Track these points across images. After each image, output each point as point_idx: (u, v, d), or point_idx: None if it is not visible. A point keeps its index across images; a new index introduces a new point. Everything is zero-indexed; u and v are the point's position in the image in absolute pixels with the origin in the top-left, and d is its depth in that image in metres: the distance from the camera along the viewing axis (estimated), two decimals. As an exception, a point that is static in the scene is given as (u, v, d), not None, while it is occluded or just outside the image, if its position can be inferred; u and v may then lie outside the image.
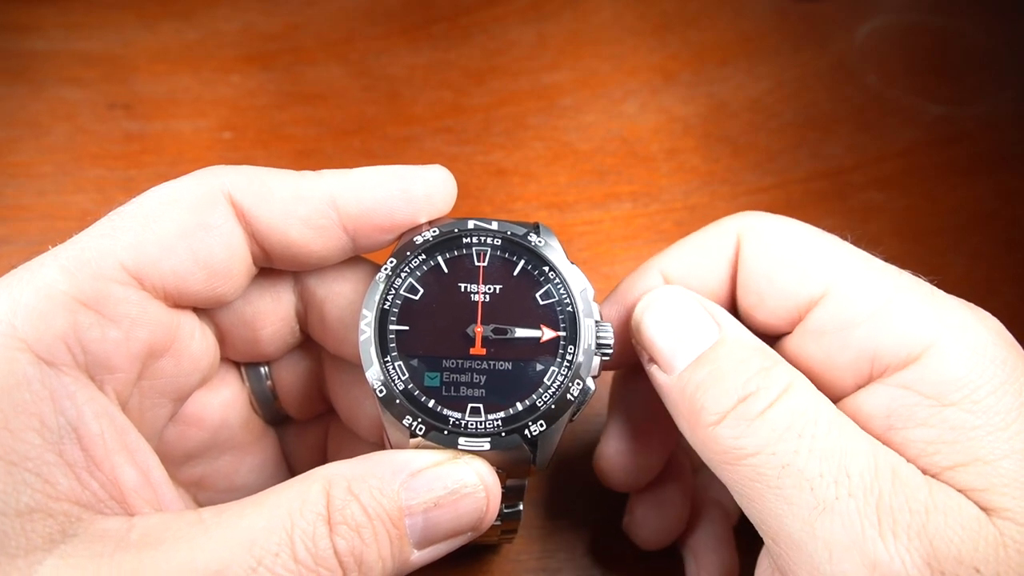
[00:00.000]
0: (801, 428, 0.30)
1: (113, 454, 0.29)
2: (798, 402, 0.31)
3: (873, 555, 0.28)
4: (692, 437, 0.33)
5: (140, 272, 0.31)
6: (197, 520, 0.28)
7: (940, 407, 0.30)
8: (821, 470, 0.29)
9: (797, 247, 0.35)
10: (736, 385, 0.32)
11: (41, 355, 0.29)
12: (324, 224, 0.34)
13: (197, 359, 0.36)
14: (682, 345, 0.34)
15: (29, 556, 0.26)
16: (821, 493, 0.29)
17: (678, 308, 0.35)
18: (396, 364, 0.34)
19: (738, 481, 0.31)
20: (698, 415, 0.32)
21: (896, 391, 0.32)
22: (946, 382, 0.30)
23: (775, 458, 0.30)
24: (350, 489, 0.29)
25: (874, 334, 0.32)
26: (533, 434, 0.33)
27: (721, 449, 0.32)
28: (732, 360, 0.33)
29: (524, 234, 0.36)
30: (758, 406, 0.31)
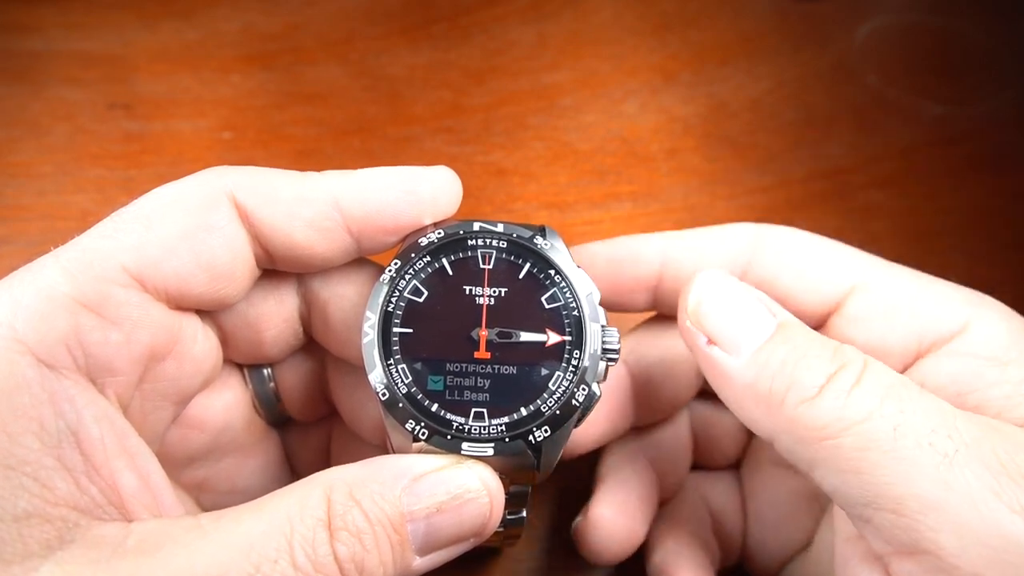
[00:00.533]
0: (899, 391, 0.30)
1: (113, 459, 0.29)
2: (883, 370, 0.31)
3: (1016, 500, 0.28)
4: (775, 418, 0.32)
5: (142, 274, 0.31)
6: (195, 526, 0.28)
7: (1002, 366, 0.32)
8: (932, 426, 0.29)
9: (820, 246, 0.38)
10: (824, 359, 0.31)
11: (41, 358, 0.28)
12: (328, 226, 0.34)
13: (199, 362, 0.35)
14: (748, 327, 0.33)
15: (25, 562, 0.26)
16: (941, 447, 0.29)
17: (736, 291, 0.34)
18: (399, 367, 0.33)
19: (841, 456, 0.30)
20: (786, 393, 0.31)
21: (954, 360, 0.33)
22: (998, 345, 0.33)
23: (885, 420, 0.29)
24: (351, 494, 0.29)
25: (920, 312, 0.35)
26: (537, 440, 0.33)
27: (822, 423, 0.30)
28: (806, 338, 0.32)
29: (530, 237, 0.36)
30: (851, 376, 0.31)
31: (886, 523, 0.29)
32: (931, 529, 0.28)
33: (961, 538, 0.28)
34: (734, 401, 0.33)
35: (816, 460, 0.31)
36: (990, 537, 0.27)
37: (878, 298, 0.36)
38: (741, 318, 0.33)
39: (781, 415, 0.31)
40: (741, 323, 0.33)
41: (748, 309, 0.34)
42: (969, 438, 0.29)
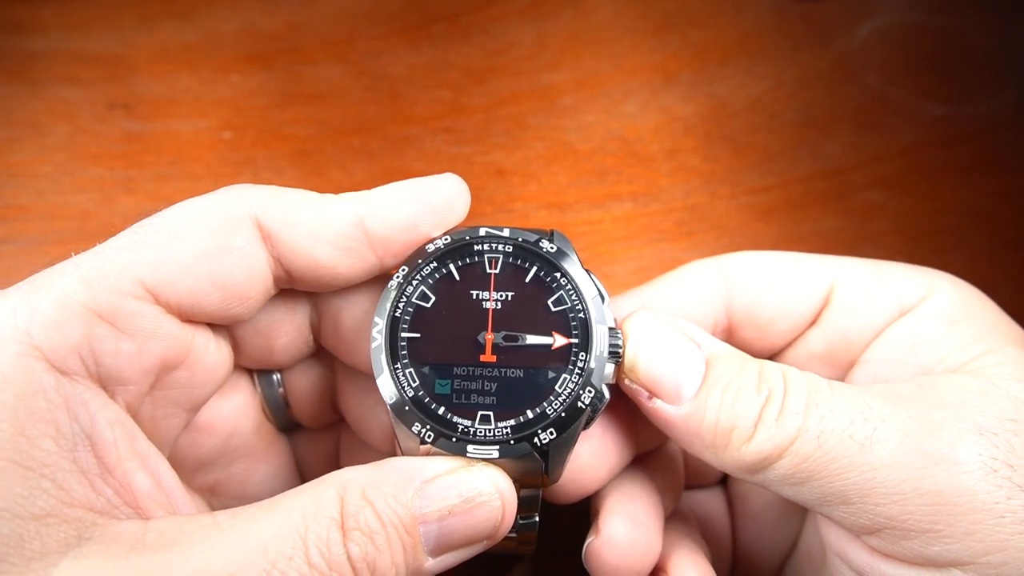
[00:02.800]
0: (815, 399, 0.33)
1: (126, 461, 0.30)
2: (799, 383, 0.34)
3: (935, 450, 0.31)
4: (723, 457, 0.34)
5: (157, 289, 0.32)
6: (212, 523, 0.28)
7: (950, 324, 0.36)
8: (850, 417, 0.32)
9: (787, 261, 0.41)
10: (751, 394, 0.33)
11: (56, 364, 0.29)
12: (352, 246, 0.34)
13: (211, 371, 0.36)
14: (682, 372, 0.34)
15: (45, 559, 0.26)
16: (859, 434, 0.32)
17: (665, 338, 0.35)
18: (407, 371, 0.34)
19: (786, 474, 0.32)
20: (729, 435, 0.33)
21: (915, 320, 0.37)
22: (951, 308, 0.37)
23: (809, 433, 0.32)
24: (364, 495, 0.29)
25: (895, 289, 0.38)
26: (543, 442, 0.33)
27: (763, 455, 0.33)
28: (733, 373, 0.34)
29: (536, 240, 0.36)
30: (776, 403, 0.33)
31: (843, 514, 0.32)
32: (876, 506, 0.31)
33: (902, 506, 0.31)
34: (685, 446, 0.35)
35: (767, 481, 0.33)
36: (923, 495, 0.31)
37: (858, 286, 0.39)
38: (674, 365, 0.35)
39: (727, 456, 0.34)
40: (675, 370, 0.35)
41: (677, 352, 0.35)
42: (884, 414, 0.32)
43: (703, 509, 0.45)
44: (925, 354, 0.37)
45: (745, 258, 0.41)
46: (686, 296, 0.40)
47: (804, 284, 0.40)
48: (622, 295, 0.41)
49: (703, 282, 0.40)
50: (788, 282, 0.40)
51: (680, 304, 0.40)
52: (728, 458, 0.34)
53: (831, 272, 0.40)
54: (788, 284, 0.40)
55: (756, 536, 0.44)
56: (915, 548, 0.31)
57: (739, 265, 0.40)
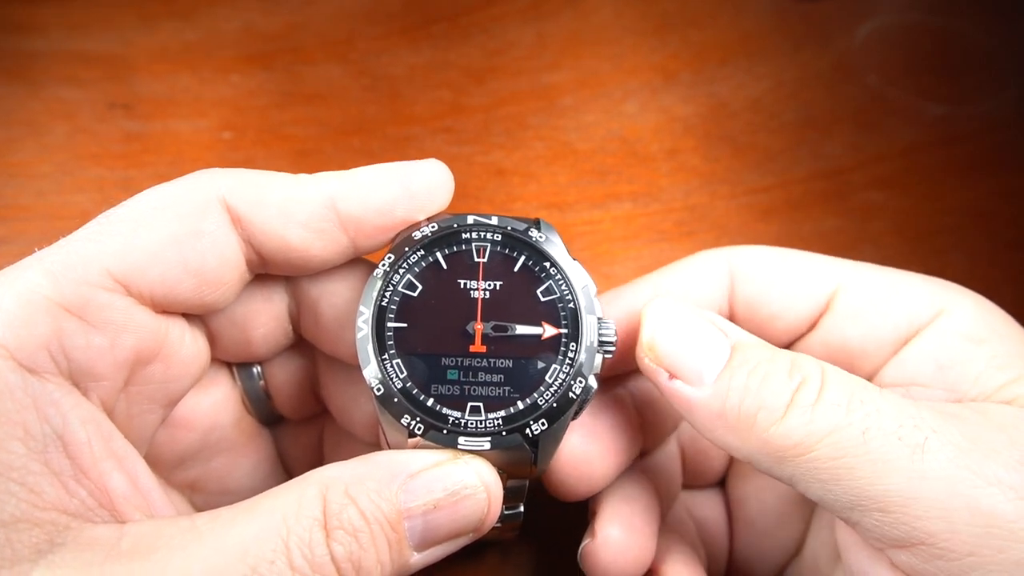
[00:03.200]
0: (860, 395, 0.31)
1: (101, 461, 0.29)
2: (842, 378, 0.32)
3: (991, 471, 0.29)
4: (749, 442, 0.32)
5: (127, 279, 0.31)
6: (190, 527, 0.27)
7: (978, 343, 0.35)
8: (900, 420, 0.30)
9: (795, 259, 0.39)
10: (783, 377, 0.32)
11: (23, 362, 0.28)
12: (324, 227, 0.33)
13: (187, 364, 0.35)
14: (705, 354, 0.33)
15: (15, 567, 0.25)
16: (911, 438, 0.30)
17: (688, 319, 0.34)
18: (394, 362, 0.33)
19: (817, 468, 0.30)
20: (754, 418, 0.31)
21: (938, 337, 0.36)
22: (974, 325, 0.35)
23: (852, 427, 0.30)
24: (347, 492, 0.28)
25: (903, 300, 0.37)
26: (535, 433, 0.32)
27: (794, 441, 0.31)
28: (763, 357, 0.33)
29: (525, 229, 0.36)
30: (812, 390, 0.31)
31: (875, 521, 0.30)
32: (918, 519, 0.29)
33: (949, 522, 0.29)
34: (706, 430, 0.33)
35: (796, 475, 0.31)
36: (975, 515, 0.28)
37: (863, 293, 0.38)
38: (696, 346, 0.33)
39: (754, 439, 0.32)
40: (697, 352, 0.33)
41: (701, 335, 0.34)
42: (935, 424, 0.30)
43: (700, 511, 0.44)
44: (955, 376, 0.35)
45: (753, 252, 0.40)
46: (692, 285, 0.39)
47: (806, 284, 0.39)
48: (632, 283, 0.40)
49: (710, 272, 0.40)
50: (791, 280, 0.39)
51: (686, 293, 0.39)
52: (754, 441, 0.31)
53: (837, 275, 0.38)
54: (790, 282, 0.39)
55: (753, 541, 0.43)
56: (950, 570, 0.29)
57: (746, 258, 0.40)
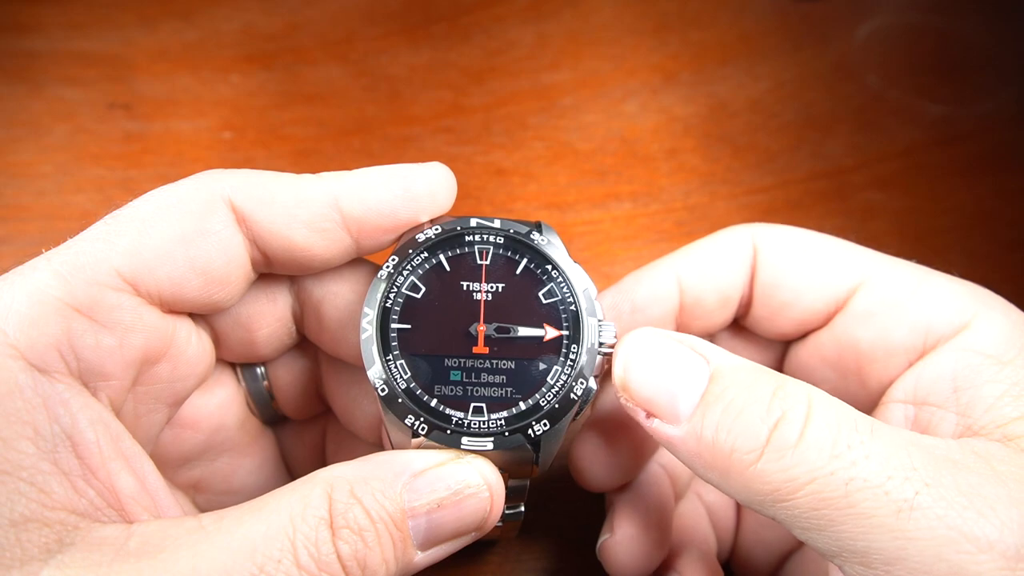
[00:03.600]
0: (847, 438, 0.29)
1: (109, 461, 0.29)
2: (829, 413, 0.29)
3: (982, 534, 0.27)
4: (728, 484, 0.30)
5: (135, 278, 0.31)
6: (197, 527, 0.27)
7: (1001, 365, 0.32)
8: (888, 472, 0.28)
9: (824, 245, 0.37)
10: (760, 414, 0.30)
11: (33, 362, 0.28)
12: (327, 227, 0.34)
13: (193, 364, 0.35)
14: (679, 389, 0.31)
15: (25, 567, 0.25)
16: (898, 494, 0.27)
17: (659, 352, 0.33)
18: (398, 363, 0.33)
19: (800, 515, 0.29)
20: (730, 459, 0.30)
21: (959, 354, 0.33)
22: (1001, 343, 0.33)
23: (835, 477, 0.28)
24: (352, 492, 0.29)
25: (924, 307, 0.34)
26: (536, 434, 0.33)
27: (771, 487, 0.29)
28: (740, 388, 0.31)
29: (527, 232, 0.36)
30: (794, 429, 0.29)
31: (858, 571, 0.29)
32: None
33: None
34: (690, 467, 0.32)
35: (779, 517, 0.30)
36: None
37: (883, 294, 0.36)
38: (669, 381, 0.32)
39: (731, 482, 0.30)
40: (671, 387, 0.31)
41: (675, 368, 0.32)
42: (929, 476, 0.28)
43: (710, 495, 0.44)
44: (970, 399, 0.32)
45: (780, 232, 0.38)
46: (713, 265, 0.38)
47: (827, 276, 0.37)
48: (653, 265, 0.39)
49: (732, 251, 0.38)
50: (812, 269, 0.37)
51: (709, 271, 0.38)
52: (733, 485, 0.30)
53: (861, 270, 0.36)
54: (811, 271, 0.37)
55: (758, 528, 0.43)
56: None
57: (772, 238, 0.38)
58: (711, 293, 0.38)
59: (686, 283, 0.38)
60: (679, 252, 0.39)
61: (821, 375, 0.38)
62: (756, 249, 0.38)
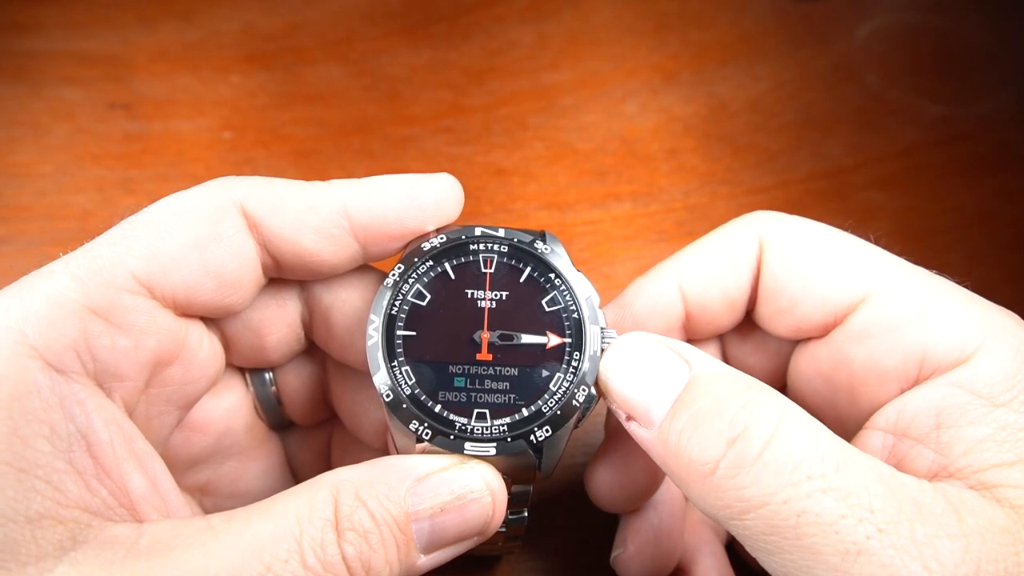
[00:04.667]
0: (809, 467, 0.27)
1: (122, 461, 0.30)
2: (797, 436, 0.28)
3: None
4: (690, 492, 0.30)
5: (150, 281, 0.32)
6: (206, 527, 0.28)
7: (992, 407, 0.30)
8: (842, 511, 0.27)
9: (831, 251, 0.35)
10: (721, 426, 0.29)
11: (51, 363, 0.29)
12: (336, 233, 0.34)
13: (204, 367, 0.36)
14: (655, 393, 0.31)
15: (40, 563, 0.26)
16: (848, 535, 0.26)
17: (642, 355, 0.33)
18: (403, 369, 0.34)
19: (750, 536, 0.28)
20: (688, 468, 0.29)
21: (948, 389, 0.31)
22: (997, 383, 0.30)
23: (787, 506, 0.27)
24: (357, 495, 0.29)
25: (923, 335, 0.32)
26: (539, 440, 0.33)
27: (724, 502, 0.28)
28: (710, 398, 0.30)
29: (530, 241, 0.36)
30: (754, 447, 0.28)
31: None
32: None
33: None
34: (664, 471, 0.32)
35: (733, 532, 0.29)
36: None
37: (883, 315, 0.33)
38: (646, 385, 0.32)
39: (690, 491, 0.30)
40: (647, 391, 0.31)
41: (654, 372, 0.32)
42: (885, 521, 0.27)
43: None
44: (950, 440, 0.30)
45: (788, 228, 0.36)
46: (718, 266, 0.37)
47: (829, 286, 0.35)
48: (657, 268, 0.38)
49: (738, 249, 0.37)
50: (814, 276, 0.35)
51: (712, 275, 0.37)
52: (691, 494, 0.30)
53: (867, 284, 0.34)
54: (813, 278, 0.35)
55: None
56: None
57: (779, 234, 0.36)
58: (716, 298, 0.38)
59: (689, 290, 0.38)
60: (681, 254, 0.38)
61: (814, 386, 0.37)
62: (762, 246, 0.37)
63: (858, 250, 0.35)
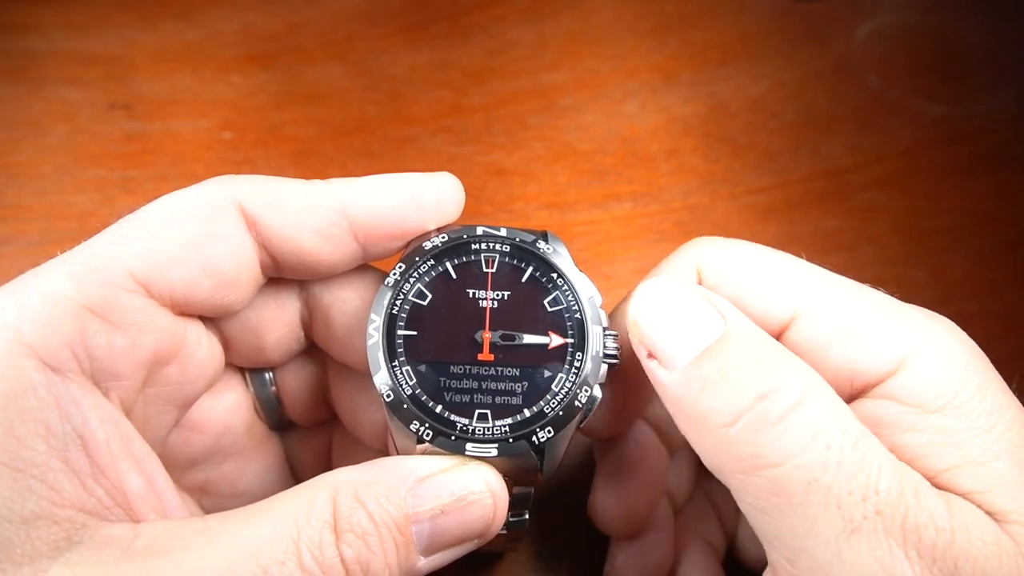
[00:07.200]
0: (829, 438, 0.28)
1: (118, 461, 0.29)
2: (822, 406, 0.28)
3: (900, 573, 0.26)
4: (699, 441, 0.30)
5: (148, 280, 0.32)
6: (203, 528, 0.28)
7: (925, 414, 0.30)
8: (850, 487, 0.27)
9: (759, 274, 0.34)
10: (752, 381, 0.29)
11: (47, 361, 0.29)
12: (335, 232, 0.34)
13: (203, 366, 0.36)
14: (685, 338, 0.30)
15: (34, 563, 0.26)
16: (849, 512, 0.27)
17: (678, 298, 0.32)
18: (404, 369, 0.34)
19: (752, 492, 0.28)
20: (706, 416, 0.29)
21: (879, 403, 0.31)
22: (926, 391, 0.30)
23: (801, 471, 0.27)
24: (356, 496, 0.29)
25: (849, 352, 0.32)
26: (540, 441, 0.33)
27: (736, 456, 0.28)
28: (744, 353, 0.30)
29: (533, 241, 0.36)
30: (779, 408, 0.28)
31: (780, 562, 0.29)
32: None
33: None
34: (672, 416, 0.32)
35: (732, 487, 0.30)
36: None
37: (811, 333, 0.33)
38: (677, 328, 0.31)
39: (702, 440, 0.30)
40: (676, 334, 0.31)
41: (687, 317, 0.31)
42: (885, 504, 0.27)
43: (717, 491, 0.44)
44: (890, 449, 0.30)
45: (721, 254, 0.36)
46: None
47: (761, 309, 0.34)
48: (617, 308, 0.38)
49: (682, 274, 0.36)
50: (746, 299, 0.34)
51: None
52: (702, 443, 0.30)
53: (795, 304, 0.34)
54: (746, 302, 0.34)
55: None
56: None
57: (713, 262, 0.36)
58: None
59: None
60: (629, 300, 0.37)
61: None
62: (700, 273, 0.36)
63: (787, 270, 0.34)
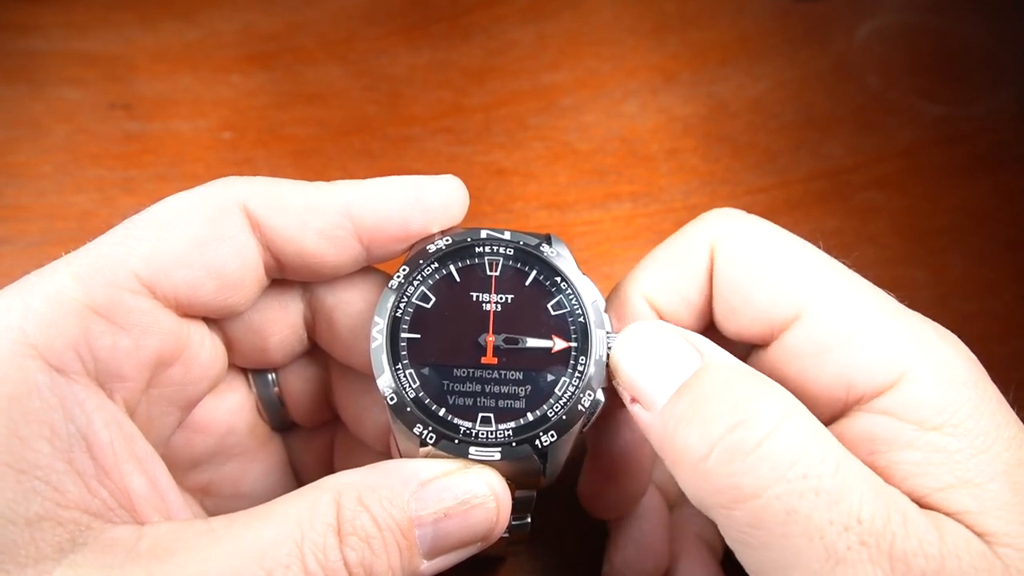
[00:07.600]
0: (806, 466, 0.27)
1: (122, 462, 0.29)
2: (799, 433, 0.28)
3: None
4: (683, 478, 0.30)
5: (152, 281, 0.32)
6: (207, 530, 0.28)
7: (922, 431, 0.29)
8: (831, 516, 0.26)
9: (771, 262, 0.34)
10: (723, 412, 0.28)
11: (51, 362, 0.29)
12: (339, 235, 0.34)
13: (206, 368, 0.36)
14: (663, 377, 0.31)
15: (39, 565, 0.26)
16: (831, 542, 0.26)
17: (654, 340, 0.32)
18: (407, 372, 0.34)
19: (735, 527, 0.28)
20: (683, 451, 0.29)
21: (877, 418, 0.30)
22: (925, 407, 0.29)
23: (779, 502, 0.27)
24: (360, 499, 0.29)
25: (847, 360, 0.31)
26: (544, 444, 0.33)
27: (716, 489, 0.28)
28: (716, 384, 0.30)
29: (536, 244, 0.36)
30: (753, 436, 0.27)
31: None
32: None
33: None
34: (661, 456, 0.31)
35: (718, 523, 0.29)
36: None
37: (813, 336, 0.32)
38: (654, 370, 0.31)
39: (681, 476, 0.30)
40: (654, 375, 0.31)
41: (663, 358, 0.31)
42: (869, 533, 0.26)
43: None
44: (886, 466, 0.30)
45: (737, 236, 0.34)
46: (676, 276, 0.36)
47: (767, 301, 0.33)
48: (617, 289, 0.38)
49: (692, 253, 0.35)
50: (755, 288, 0.34)
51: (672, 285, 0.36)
52: (682, 479, 0.29)
53: (801, 301, 0.33)
54: (753, 290, 0.34)
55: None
56: None
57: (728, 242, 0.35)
58: (681, 305, 0.36)
59: (655, 300, 0.36)
60: (640, 267, 0.37)
61: None
62: (713, 250, 0.35)
63: (799, 261, 0.33)
